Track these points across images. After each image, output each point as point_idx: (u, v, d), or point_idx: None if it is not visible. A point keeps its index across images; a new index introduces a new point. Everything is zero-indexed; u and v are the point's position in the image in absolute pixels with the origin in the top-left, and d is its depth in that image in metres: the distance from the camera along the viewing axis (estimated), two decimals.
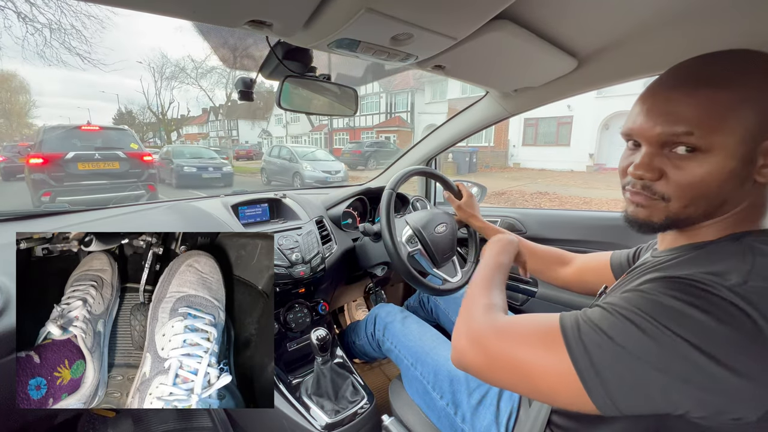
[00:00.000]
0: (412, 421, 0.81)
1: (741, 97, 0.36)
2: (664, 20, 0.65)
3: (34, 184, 4.56)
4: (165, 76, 19.90)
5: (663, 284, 0.36)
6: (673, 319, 0.33)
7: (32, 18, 8.82)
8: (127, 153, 5.15)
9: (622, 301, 0.37)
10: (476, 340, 0.45)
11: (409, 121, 18.67)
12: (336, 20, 0.55)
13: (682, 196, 0.40)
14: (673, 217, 0.42)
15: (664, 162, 0.40)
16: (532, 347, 0.40)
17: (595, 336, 0.35)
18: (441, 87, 16.81)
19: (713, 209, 0.40)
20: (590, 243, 1.15)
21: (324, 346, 0.87)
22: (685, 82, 0.39)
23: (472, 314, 0.49)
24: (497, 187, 9.14)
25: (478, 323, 0.47)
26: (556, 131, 13.14)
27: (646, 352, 0.33)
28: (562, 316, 0.40)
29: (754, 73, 0.37)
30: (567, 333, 0.37)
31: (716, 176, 0.37)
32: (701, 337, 0.32)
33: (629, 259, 0.68)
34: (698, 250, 0.40)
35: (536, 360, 0.39)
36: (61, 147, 4.70)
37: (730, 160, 0.37)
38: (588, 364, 0.35)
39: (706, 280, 0.34)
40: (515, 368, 0.40)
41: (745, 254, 0.36)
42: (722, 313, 0.32)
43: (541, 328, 0.40)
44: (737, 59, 0.38)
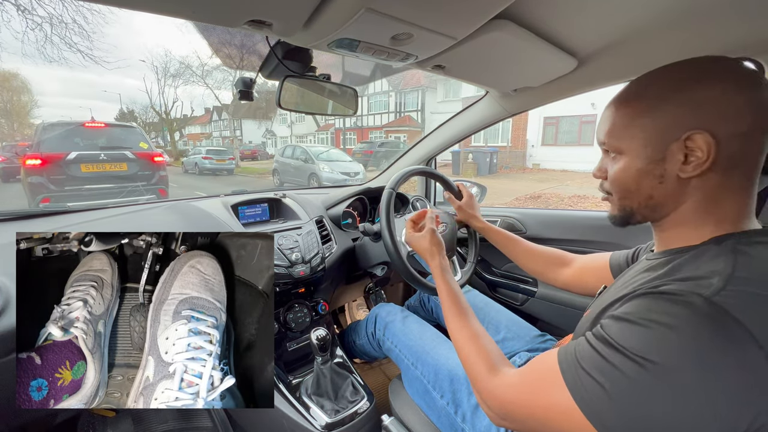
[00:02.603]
0: (412, 421, 0.81)
1: (640, 108, 0.43)
2: (664, 20, 0.65)
3: (32, 188, 3.95)
4: (169, 74, 19.78)
5: (643, 302, 0.38)
6: (653, 347, 0.34)
7: (31, 11, 8.62)
8: (135, 153, 4.51)
9: (606, 335, 0.38)
10: (493, 406, 0.49)
11: (419, 120, 18.35)
12: (336, 20, 0.55)
13: (615, 190, 0.48)
14: (621, 208, 0.48)
15: (609, 164, 0.48)
16: (541, 397, 0.42)
17: (592, 384, 0.37)
18: (454, 85, 16.25)
19: (647, 202, 0.45)
20: (590, 243, 1.15)
21: (324, 345, 0.87)
22: (614, 98, 0.47)
23: (479, 376, 0.53)
24: (527, 190, 8.58)
25: (490, 390, 0.50)
26: (578, 130, 12.48)
27: (632, 396, 0.34)
28: (559, 359, 0.42)
29: (655, 86, 0.43)
30: (569, 381, 0.40)
31: (629, 172, 0.45)
32: (681, 359, 0.33)
33: (628, 260, 0.68)
34: (685, 253, 0.41)
35: (547, 406, 0.41)
36: (61, 146, 4.11)
37: (636, 159, 0.44)
38: (589, 405, 0.37)
39: (681, 290, 0.36)
40: (533, 418, 0.44)
41: (726, 256, 0.37)
42: (686, 324, 0.33)
43: (543, 376, 0.43)
44: (660, 72, 0.43)
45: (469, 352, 0.56)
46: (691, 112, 0.39)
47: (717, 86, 0.38)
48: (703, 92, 0.39)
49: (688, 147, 0.39)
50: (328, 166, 8.21)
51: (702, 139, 0.38)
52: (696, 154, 0.39)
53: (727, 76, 0.39)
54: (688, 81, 0.40)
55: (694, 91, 0.39)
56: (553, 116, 12.92)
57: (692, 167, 0.40)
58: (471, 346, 0.57)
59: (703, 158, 0.39)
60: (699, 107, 0.39)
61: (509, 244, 0.91)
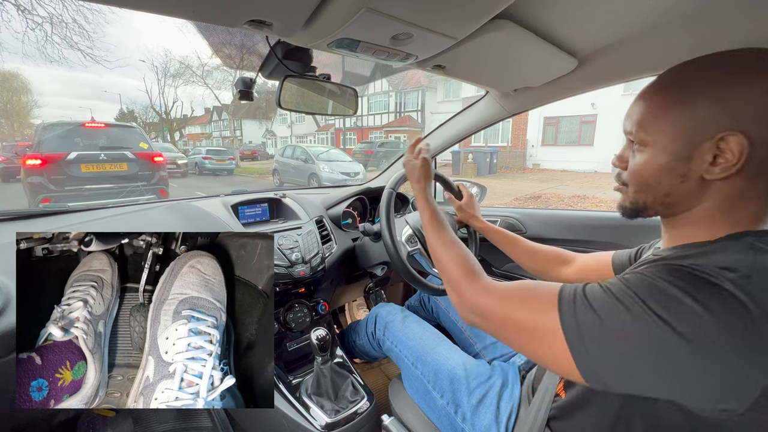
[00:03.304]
0: (412, 421, 0.81)
1: (676, 99, 0.40)
2: (664, 20, 0.65)
3: (32, 188, 3.95)
4: (169, 74, 19.73)
5: (664, 269, 0.37)
6: (662, 303, 0.34)
7: (31, 11, 8.60)
8: (135, 153, 4.53)
9: (620, 282, 0.38)
10: (476, 311, 0.50)
11: (419, 120, 18.31)
12: (336, 20, 0.55)
13: (632, 183, 0.46)
14: (634, 202, 0.47)
15: (630, 154, 0.47)
16: (530, 312, 0.43)
17: (586, 313, 0.37)
18: (454, 85, 16.15)
19: (663, 199, 0.43)
20: (591, 243, 1.15)
21: (324, 345, 0.87)
22: (646, 87, 0.44)
23: (459, 285, 0.54)
24: (527, 190, 8.55)
25: (472, 294, 0.52)
26: (578, 130, 12.50)
27: (627, 333, 0.34)
28: (562, 288, 0.42)
29: (691, 79, 0.40)
30: (563, 306, 0.40)
31: (650, 167, 0.43)
32: (688, 326, 0.32)
33: (631, 259, 0.68)
34: (701, 247, 0.40)
35: (533, 322, 0.42)
36: (61, 146, 4.12)
37: (662, 154, 0.41)
38: (577, 338, 0.37)
39: (711, 271, 0.34)
40: (517, 329, 0.44)
41: (746, 251, 0.36)
42: (718, 305, 0.32)
43: (540, 295, 0.43)
44: (698, 63, 0.40)
45: (450, 257, 0.59)
46: (728, 111, 0.36)
47: (758, 84, 0.36)
48: (743, 89, 0.36)
49: (719, 148, 0.37)
50: (328, 166, 8.22)
51: (735, 141, 0.36)
52: (726, 156, 0.37)
53: None
54: (727, 75, 0.37)
55: (734, 88, 0.36)
56: (553, 116, 12.91)
57: (720, 169, 0.37)
58: (450, 253, 0.60)
59: (732, 161, 0.36)
60: (737, 106, 0.36)
61: (510, 244, 0.91)
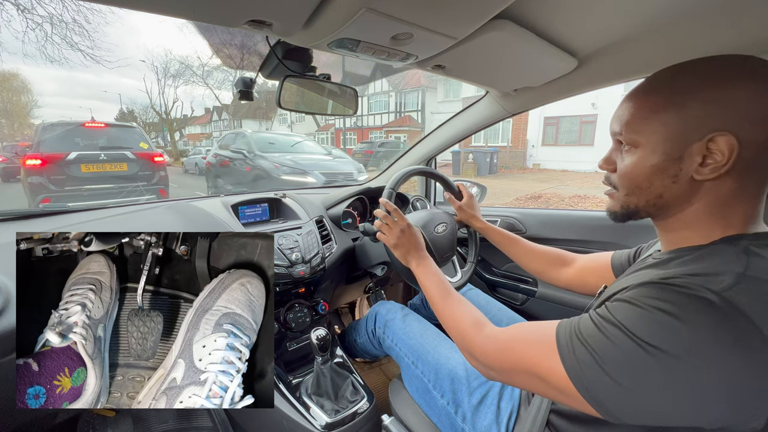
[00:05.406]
0: (412, 421, 0.81)
1: (664, 102, 0.40)
2: (664, 20, 0.65)
3: (32, 188, 3.95)
4: (170, 74, 19.70)
5: (653, 290, 0.37)
6: (646, 330, 0.35)
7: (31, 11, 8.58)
8: (136, 153, 4.54)
9: (608, 313, 0.39)
10: (481, 361, 0.51)
11: (419, 120, 18.30)
12: (336, 20, 0.55)
13: (622, 185, 0.46)
14: (625, 206, 0.47)
15: (619, 156, 0.47)
16: (534, 357, 0.44)
17: (585, 354, 0.38)
18: (454, 85, 16.18)
19: (655, 201, 0.43)
20: (590, 243, 1.15)
21: (324, 345, 0.86)
22: (635, 89, 0.44)
23: (466, 336, 0.55)
24: (527, 190, 8.53)
25: (477, 344, 0.53)
26: (579, 130, 12.52)
27: (623, 368, 0.35)
28: (558, 329, 0.43)
29: (682, 80, 0.40)
30: (562, 349, 0.40)
31: (640, 168, 0.43)
32: (677, 346, 0.33)
33: (630, 259, 0.68)
34: (695, 252, 0.41)
35: (542, 366, 0.42)
36: (61, 146, 4.12)
37: (653, 154, 0.42)
38: (582, 380, 0.38)
39: (691, 284, 0.35)
40: (528, 373, 0.44)
41: (739, 256, 0.37)
42: (703, 320, 0.33)
43: (539, 341, 0.44)
44: (688, 66, 0.41)
45: (457, 315, 0.59)
46: (718, 111, 0.37)
47: (748, 87, 0.36)
48: (733, 92, 0.37)
49: (709, 148, 0.38)
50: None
51: (725, 142, 0.36)
52: (715, 157, 0.37)
53: (758, 77, 0.37)
54: (717, 79, 0.38)
55: (724, 90, 0.37)
56: (553, 116, 12.91)
57: (709, 170, 0.38)
58: (456, 310, 0.60)
59: (722, 162, 0.37)
60: (727, 107, 0.37)
61: (509, 244, 0.91)
